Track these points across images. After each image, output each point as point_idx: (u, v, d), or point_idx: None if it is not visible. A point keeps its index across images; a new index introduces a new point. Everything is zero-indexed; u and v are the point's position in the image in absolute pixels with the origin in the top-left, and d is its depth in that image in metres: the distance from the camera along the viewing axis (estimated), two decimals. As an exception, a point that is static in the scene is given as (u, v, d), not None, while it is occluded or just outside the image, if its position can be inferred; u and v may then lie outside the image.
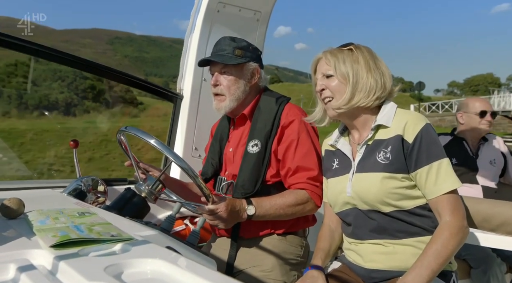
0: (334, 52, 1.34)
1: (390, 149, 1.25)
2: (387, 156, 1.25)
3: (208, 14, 2.36)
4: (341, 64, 1.30)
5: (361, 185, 1.28)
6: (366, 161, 1.30)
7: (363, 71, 1.29)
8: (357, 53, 1.31)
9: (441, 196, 1.20)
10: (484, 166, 2.45)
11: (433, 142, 1.23)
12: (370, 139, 1.31)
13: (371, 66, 1.29)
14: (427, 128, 1.24)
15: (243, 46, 1.61)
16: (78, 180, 1.70)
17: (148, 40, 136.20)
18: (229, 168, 1.66)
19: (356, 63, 1.29)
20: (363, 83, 1.28)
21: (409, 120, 1.24)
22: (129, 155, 1.50)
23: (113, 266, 0.74)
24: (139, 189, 1.39)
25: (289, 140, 1.54)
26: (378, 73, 1.30)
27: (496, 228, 1.58)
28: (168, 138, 2.52)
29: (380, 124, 1.29)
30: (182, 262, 0.79)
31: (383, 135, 1.28)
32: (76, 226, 0.92)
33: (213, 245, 1.69)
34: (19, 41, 1.75)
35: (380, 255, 1.27)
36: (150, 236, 1.03)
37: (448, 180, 1.20)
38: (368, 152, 1.30)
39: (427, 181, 1.21)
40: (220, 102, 1.62)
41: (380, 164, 1.25)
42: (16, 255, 0.78)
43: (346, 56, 1.31)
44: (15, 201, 1.05)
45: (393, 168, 1.23)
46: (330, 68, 1.32)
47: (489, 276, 2.07)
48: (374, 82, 1.28)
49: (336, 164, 1.42)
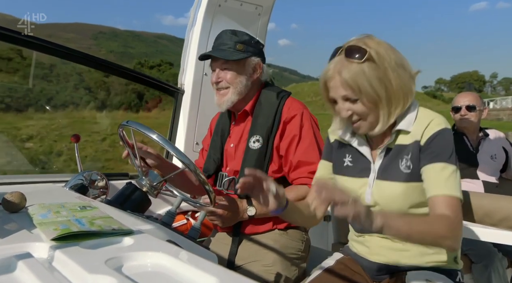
0: (353, 70, 1.09)
1: (411, 156, 1.15)
2: (408, 164, 1.15)
3: (210, 8, 2.35)
4: (366, 87, 1.09)
5: (385, 194, 1.18)
6: (389, 168, 1.19)
7: (388, 77, 1.10)
8: (379, 63, 1.10)
9: (444, 196, 1.08)
10: (485, 160, 2.45)
11: (445, 145, 1.11)
12: (391, 144, 1.20)
13: (395, 68, 1.11)
14: (443, 132, 1.12)
15: (244, 40, 1.59)
16: (80, 175, 1.70)
17: (132, 35, 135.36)
18: (230, 163, 1.65)
19: (381, 73, 1.10)
20: (396, 93, 1.12)
21: (430, 124, 1.14)
22: (130, 150, 1.50)
23: (114, 259, 0.75)
24: (140, 184, 1.39)
25: (291, 136, 1.54)
26: (403, 72, 1.12)
27: (497, 223, 1.58)
28: (170, 133, 2.53)
29: (401, 130, 1.17)
30: (183, 255, 0.79)
31: (404, 140, 1.17)
32: (77, 219, 0.92)
33: (214, 240, 1.69)
34: (21, 36, 1.74)
35: (388, 249, 1.24)
36: (151, 229, 1.03)
37: (452, 185, 1.09)
38: (390, 158, 1.19)
39: (430, 178, 1.11)
40: (223, 96, 1.59)
41: (402, 173, 1.16)
42: (17, 248, 0.79)
43: (369, 71, 1.09)
44: (17, 195, 1.05)
45: (415, 177, 1.15)
46: (352, 94, 1.11)
47: (491, 271, 2.07)
48: (404, 86, 1.12)
49: (349, 161, 1.29)
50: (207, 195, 1.36)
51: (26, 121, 20.54)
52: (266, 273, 1.51)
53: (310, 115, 1.60)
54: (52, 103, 25.69)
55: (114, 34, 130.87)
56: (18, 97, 24.07)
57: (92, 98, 27.94)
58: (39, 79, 27.02)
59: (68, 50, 1.99)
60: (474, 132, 2.53)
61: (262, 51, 1.66)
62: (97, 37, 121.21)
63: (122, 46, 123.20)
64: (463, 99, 2.52)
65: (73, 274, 0.70)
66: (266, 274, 1.51)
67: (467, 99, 2.51)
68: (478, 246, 2.11)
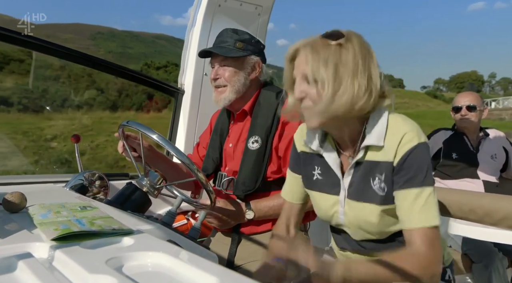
0: (318, 48, 1.02)
1: (384, 177, 1.05)
2: (382, 186, 1.06)
3: (209, 8, 2.36)
4: (321, 68, 1.01)
5: (359, 216, 1.10)
6: (360, 188, 1.09)
7: (348, 74, 1.00)
8: (346, 50, 1.01)
9: (419, 228, 1.00)
10: (485, 160, 2.45)
11: (420, 164, 1.01)
12: (361, 159, 1.09)
13: (359, 68, 1.01)
14: (416, 149, 1.02)
15: (245, 39, 1.60)
16: (80, 175, 1.70)
17: (131, 35, 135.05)
18: (229, 163, 1.66)
19: (343, 66, 1.00)
20: (344, 89, 1.00)
21: (402, 140, 1.02)
22: (129, 149, 1.50)
23: (115, 259, 0.75)
24: (141, 184, 1.39)
25: (290, 137, 1.53)
26: (365, 76, 1.02)
27: (498, 223, 1.58)
28: (170, 133, 2.53)
29: (369, 145, 1.07)
30: (183, 255, 0.79)
31: (376, 156, 1.07)
32: (77, 219, 0.92)
33: (214, 240, 1.70)
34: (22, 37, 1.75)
35: (369, 253, 1.18)
36: (151, 229, 1.03)
37: (424, 214, 1.00)
38: (361, 176, 1.09)
39: (402, 207, 1.02)
40: (220, 94, 1.59)
41: (376, 195, 1.07)
42: (18, 248, 0.79)
43: (332, 54, 1.01)
44: (17, 195, 1.05)
45: (390, 200, 1.06)
46: (308, 70, 1.03)
47: (491, 270, 2.07)
48: (358, 88, 1.00)
49: (318, 173, 1.19)
50: (207, 195, 1.36)
51: (46, 121, 21.12)
52: (266, 273, 1.51)
53: None
54: (67, 104, 26.02)
55: (112, 34, 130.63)
56: (34, 98, 24.66)
57: (104, 99, 28.22)
58: (52, 81, 27.39)
59: (68, 51, 2.00)
60: (474, 132, 2.53)
61: (262, 51, 1.67)
62: (96, 38, 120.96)
63: (121, 46, 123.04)
64: (463, 99, 2.53)
65: (73, 274, 0.70)
66: (266, 274, 1.51)
67: (468, 99, 2.51)
68: (478, 245, 2.12)
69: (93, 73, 28.56)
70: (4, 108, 21.83)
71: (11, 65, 26.09)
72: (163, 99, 26.04)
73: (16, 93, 23.47)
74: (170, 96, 2.60)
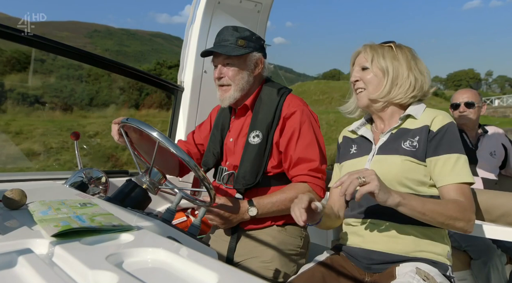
0: (374, 46, 1.37)
1: (418, 139, 1.27)
2: (414, 144, 1.27)
3: (209, 6, 2.35)
4: (380, 58, 1.34)
5: (381, 165, 1.28)
6: (389, 145, 1.32)
7: (403, 69, 1.32)
8: (396, 51, 1.35)
9: (456, 184, 1.21)
10: (484, 157, 2.46)
11: (457, 138, 1.26)
12: (395, 128, 1.34)
13: (412, 65, 1.33)
14: (453, 125, 1.27)
15: (246, 36, 1.60)
16: (80, 172, 1.71)
17: (127, 33, 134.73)
18: (229, 158, 1.66)
19: (396, 60, 1.33)
20: (403, 80, 1.32)
21: (438, 115, 1.28)
22: (130, 146, 1.50)
23: (115, 255, 0.75)
24: (140, 181, 1.39)
25: (291, 132, 1.54)
26: (418, 72, 1.33)
27: (496, 219, 1.58)
28: (169, 130, 2.53)
29: (409, 115, 1.32)
30: (183, 251, 0.79)
31: (410, 125, 1.31)
32: (78, 216, 0.92)
33: (213, 236, 1.70)
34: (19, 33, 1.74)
35: (381, 236, 1.27)
36: (151, 226, 1.04)
37: (464, 173, 1.22)
38: (392, 138, 1.33)
39: (443, 168, 1.23)
40: (225, 92, 1.60)
41: (404, 150, 1.27)
42: (18, 244, 0.79)
43: (386, 52, 1.34)
44: (17, 192, 1.05)
45: (418, 156, 1.26)
46: (367, 61, 1.36)
47: (489, 267, 2.08)
48: (414, 80, 1.32)
49: (355, 149, 1.43)
50: (207, 192, 1.36)
51: (82, 119, 21.57)
52: (264, 269, 1.52)
53: (310, 112, 1.61)
54: (95, 103, 26.35)
55: (108, 32, 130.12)
56: (64, 97, 25.27)
57: (127, 97, 28.50)
58: (75, 80, 27.90)
59: (68, 48, 2.00)
60: (473, 129, 2.53)
61: (263, 46, 1.67)
62: (92, 36, 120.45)
63: (117, 44, 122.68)
64: (461, 96, 2.53)
65: (74, 270, 0.70)
66: (265, 270, 1.52)
67: (466, 96, 2.52)
68: (477, 242, 2.12)
69: (112, 72, 29.03)
70: (39, 106, 22.26)
71: (34, 66, 26.51)
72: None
73: (47, 92, 24.04)
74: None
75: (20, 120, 18.51)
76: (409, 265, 1.21)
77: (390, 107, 1.37)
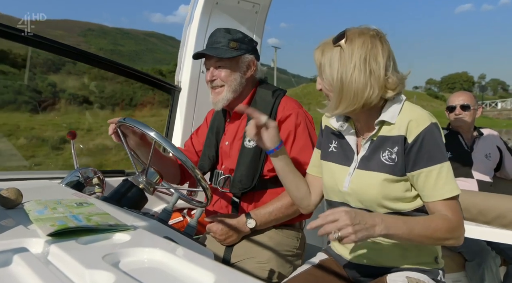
0: (325, 50, 1.17)
1: (396, 150, 1.15)
2: (393, 157, 1.15)
3: (207, 6, 2.35)
4: (326, 68, 1.16)
5: (361, 183, 1.19)
6: (370, 159, 1.20)
7: (348, 72, 1.12)
8: (346, 51, 1.12)
9: (441, 201, 1.12)
10: (479, 159, 2.47)
11: (436, 144, 1.12)
12: (374, 135, 1.20)
13: (361, 64, 1.11)
14: (430, 129, 1.12)
15: (238, 38, 1.59)
16: (76, 171, 1.70)
17: (121, 33, 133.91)
18: (225, 161, 1.66)
19: (343, 65, 1.12)
20: (348, 87, 1.12)
21: (413, 119, 1.13)
22: (126, 145, 1.50)
23: (111, 254, 0.75)
24: (137, 181, 1.39)
25: (286, 135, 1.54)
26: (374, 62, 1.11)
27: (491, 221, 1.59)
28: (166, 130, 2.53)
29: (384, 121, 1.17)
30: (179, 251, 0.79)
31: (388, 131, 1.18)
32: (74, 215, 0.92)
33: (210, 237, 1.69)
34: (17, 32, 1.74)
35: (368, 249, 1.24)
36: (148, 226, 1.04)
37: (447, 186, 1.11)
38: (373, 149, 1.20)
39: (426, 183, 1.13)
40: (218, 95, 1.60)
41: (384, 164, 1.17)
42: (14, 243, 0.79)
43: (334, 55, 1.14)
44: (13, 191, 1.05)
45: (397, 171, 1.15)
46: (320, 69, 1.19)
47: (484, 269, 2.09)
48: (360, 83, 1.11)
49: (334, 147, 1.30)
50: (203, 192, 1.36)
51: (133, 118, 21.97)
52: (260, 270, 1.52)
53: (305, 114, 1.61)
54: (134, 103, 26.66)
55: (102, 31, 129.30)
56: (107, 97, 25.68)
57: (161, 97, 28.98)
58: (99, 80, 28.34)
59: (67, 47, 2.00)
60: (468, 131, 2.55)
61: (256, 49, 1.67)
62: (86, 35, 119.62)
63: (112, 43, 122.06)
64: (457, 99, 2.54)
65: (70, 269, 0.70)
66: (261, 271, 1.52)
67: (461, 99, 2.53)
68: (471, 244, 2.13)
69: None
70: (87, 106, 22.61)
71: (66, 67, 27.84)
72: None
73: (92, 93, 24.27)
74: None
75: (83, 118, 18.89)
76: (399, 275, 1.20)
77: (362, 112, 1.19)
